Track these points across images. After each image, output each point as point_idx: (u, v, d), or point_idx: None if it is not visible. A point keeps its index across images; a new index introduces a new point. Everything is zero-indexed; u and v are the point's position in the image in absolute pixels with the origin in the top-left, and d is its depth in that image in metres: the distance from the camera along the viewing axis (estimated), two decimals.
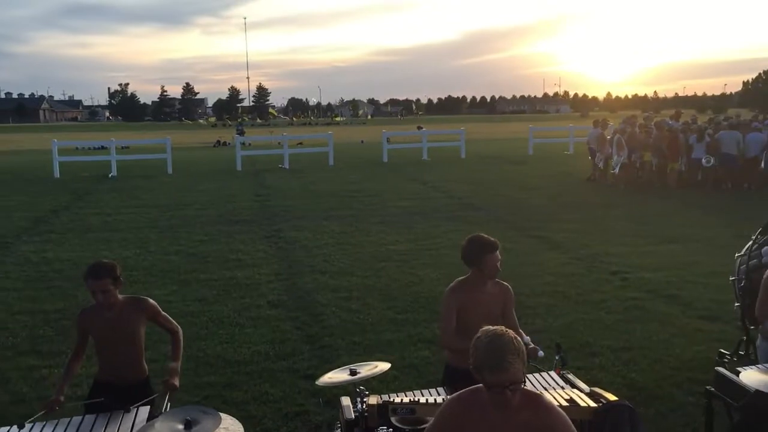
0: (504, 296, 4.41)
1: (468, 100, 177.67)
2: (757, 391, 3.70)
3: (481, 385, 2.72)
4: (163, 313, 4.27)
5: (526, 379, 3.99)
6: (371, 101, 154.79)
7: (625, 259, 10.37)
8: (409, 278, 9.55)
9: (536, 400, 2.76)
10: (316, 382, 4.05)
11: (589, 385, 4.02)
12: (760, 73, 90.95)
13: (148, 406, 3.79)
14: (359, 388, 3.70)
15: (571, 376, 4.11)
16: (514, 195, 17.48)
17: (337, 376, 3.83)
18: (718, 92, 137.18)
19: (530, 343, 4.13)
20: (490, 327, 2.72)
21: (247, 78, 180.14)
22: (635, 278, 9.33)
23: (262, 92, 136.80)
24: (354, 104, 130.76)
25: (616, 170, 18.25)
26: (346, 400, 3.83)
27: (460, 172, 22.84)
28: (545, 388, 3.93)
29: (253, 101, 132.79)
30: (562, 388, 3.93)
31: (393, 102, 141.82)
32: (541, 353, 4.18)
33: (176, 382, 4.00)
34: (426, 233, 12.61)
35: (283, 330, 7.56)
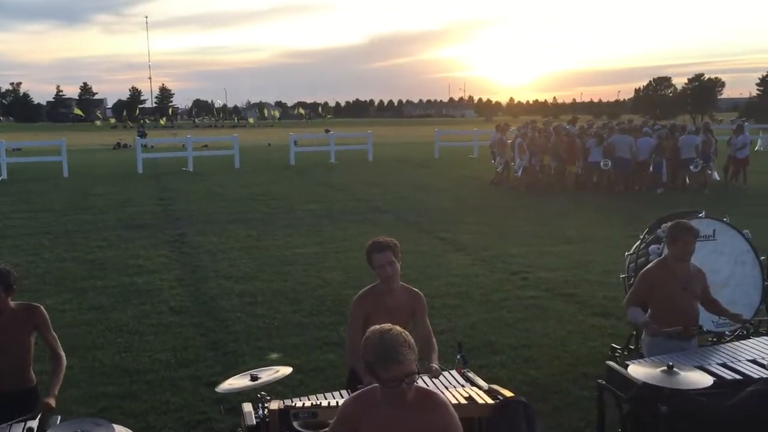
0: (413, 303, 4.36)
1: (376, 103, 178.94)
2: (644, 383, 3.89)
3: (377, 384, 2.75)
4: (53, 332, 4.15)
5: (430, 380, 4.06)
6: (279, 104, 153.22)
7: (526, 259, 10.70)
8: (316, 281, 9.52)
9: (431, 397, 2.80)
10: (216, 389, 3.98)
11: (490, 383, 4.12)
12: (650, 81, 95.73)
13: (36, 419, 3.62)
14: (260, 394, 3.65)
15: (471, 375, 4.20)
16: (421, 198, 17.72)
17: (237, 382, 3.76)
18: (612, 99, 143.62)
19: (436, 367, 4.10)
20: (378, 325, 2.76)
21: (149, 78, 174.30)
22: (535, 278, 9.64)
23: (165, 93, 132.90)
24: (261, 107, 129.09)
25: (519, 173, 18.82)
26: (247, 407, 3.78)
27: (367, 175, 22.96)
28: (446, 387, 3.99)
29: (155, 102, 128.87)
30: (462, 386, 4.01)
31: (301, 105, 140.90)
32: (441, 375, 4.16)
33: (52, 402, 3.92)
34: (333, 236, 12.60)
35: (186, 337, 7.37)
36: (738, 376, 4.22)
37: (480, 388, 3.91)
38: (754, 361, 4.45)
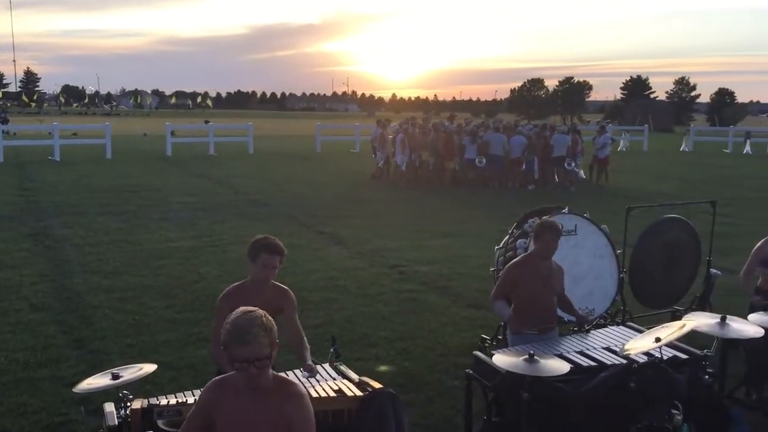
0: (282, 301, 4.29)
1: (258, 95, 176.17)
2: (507, 372, 4.06)
3: None
4: None
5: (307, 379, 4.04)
6: (156, 92, 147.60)
7: (403, 253, 10.89)
8: (191, 276, 9.26)
9: (288, 386, 2.78)
10: (74, 389, 3.78)
11: (364, 376, 4.16)
12: (524, 82, 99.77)
13: None
14: (122, 393, 3.50)
15: (343, 368, 4.22)
16: (301, 191, 17.64)
17: (96, 381, 3.59)
18: (490, 98, 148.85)
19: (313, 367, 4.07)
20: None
21: (14, 61, 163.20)
22: (411, 271, 9.83)
23: (30, 77, 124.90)
24: (137, 95, 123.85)
25: (403, 168, 19.11)
26: (109, 407, 3.61)
27: (247, 168, 22.59)
28: (318, 381, 4.00)
29: (20, 86, 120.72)
30: (334, 379, 4.03)
31: (180, 94, 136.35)
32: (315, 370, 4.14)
33: None
34: (210, 230, 12.30)
35: (47, 335, 6.97)
36: (593, 363, 4.48)
37: (351, 380, 3.94)
38: (608, 349, 4.73)
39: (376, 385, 3.80)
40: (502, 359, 4.13)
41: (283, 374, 4.09)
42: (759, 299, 5.75)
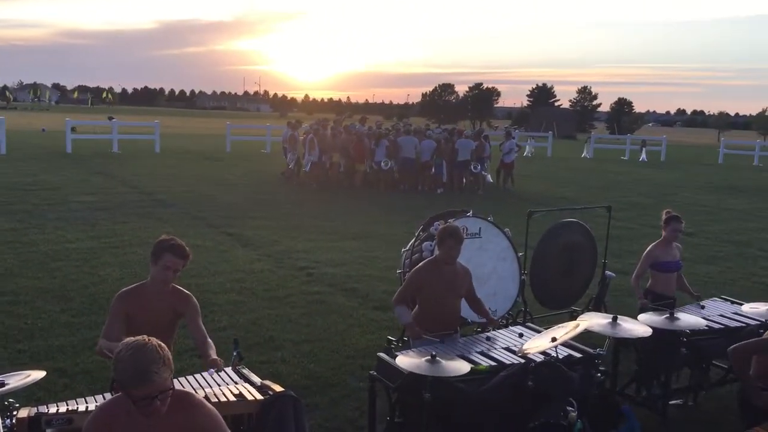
0: (181, 306, 4.16)
1: (166, 92, 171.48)
2: (410, 373, 4.11)
3: None
4: None
5: (210, 376, 3.96)
6: (56, 86, 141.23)
7: (312, 255, 10.85)
8: (89, 278, 8.91)
9: (186, 399, 2.72)
10: None
11: (270, 379, 4.12)
12: (436, 87, 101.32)
13: None
14: (8, 401, 3.33)
15: (245, 371, 4.16)
16: (209, 192, 17.28)
17: None
18: (402, 101, 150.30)
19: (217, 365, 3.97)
20: (132, 339, 2.63)
21: None
22: (320, 273, 9.80)
23: None
24: (35, 88, 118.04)
25: (307, 168, 19.02)
26: None
27: (153, 167, 21.94)
28: (219, 385, 3.92)
29: None
30: (236, 383, 3.97)
31: (82, 89, 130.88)
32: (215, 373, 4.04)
33: None
34: (111, 230, 11.86)
35: None
36: (493, 363, 4.60)
37: (252, 384, 3.89)
38: (508, 349, 4.86)
39: (278, 388, 3.77)
40: (404, 360, 4.17)
41: (183, 380, 4.02)
42: (646, 302, 6.04)
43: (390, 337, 6.83)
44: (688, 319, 5.40)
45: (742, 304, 6.11)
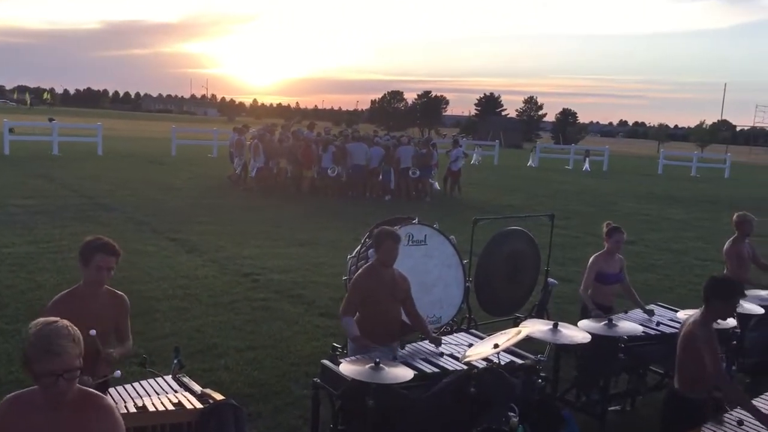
0: (117, 308, 4.10)
1: (110, 94, 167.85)
2: (353, 380, 4.11)
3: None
4: None
5: (141, 387, 3.88)
6: None
7: (258, 261, 10.75)
8: (26, 284, 8.65)
9: (93, 399, 2.64)
10: None
11: (211, 387, 4.06)
12: (385, 94, 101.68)
13: None
14: None
15: (186, 379, 4.09)
16: (154, 196, 16.96)
17: None
18: (351, 108, 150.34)
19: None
20: (41, 318, 2.56)
21: None
22: (266, 279, 9.71)
23: None
24: None
25: (253, 174, 18.84)
26: None
27: (95, 170, 21.43)
28: (158, 393, 3.85)
29: None
30: (175, 392, 3.90)
31: (21, 89, 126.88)
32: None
33: None
34: (49, 235, 11.54)
35: None
36: (437, 370, 4.63)
37: (193, 392, 3.83)
38: (451, 355, 4.91)
39: (218, 396, 3.72)
40: (348, 367, 4.17)
41: (121, 388, 3.93)
42: (599, 312, 6.09)
43: (335, 344, 6.82)
44: (626, 325, 5.54)
45: (677, 311, 6.29)
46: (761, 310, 6.27)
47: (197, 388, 3.89)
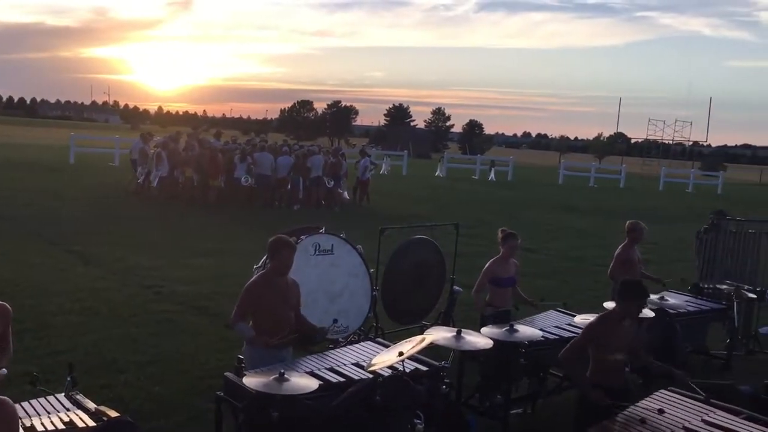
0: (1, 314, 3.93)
1: (4, 99, 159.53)
2: (257, 392, 4.05)
3: None
4: None
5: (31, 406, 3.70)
6: None
7: (161, 272, 10.45)
8: None
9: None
10: None
11: (108, 405, 3.91)
12: (294, 103, 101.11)
13: None
14: None
15: (79, 397, 3.93)
16: (50, 205, 16.23)
17: None
18: (260, 117, 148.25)
19: None
20: None
21: None
22: (169, 291, 9.46)
23: None
24: None
25: (155, 184, 18.29)
26: None
27: None
28: (49, 413, 3.68)
29: None
30: (67, 410, 3.73)
31: None
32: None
33: None
34: None
35: None
36: (342, 379, 4.64)
37: (86, 410, 3.68)
38: (357, 364, 4.92)
39: (113, 414, 3.59)
40: (251, 380, 4.11)
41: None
42: (487, 308, 6.36)
43: (240, 356, 6.69)
44: (526, 330, 5.72)
45: (575, 316, 6.55)
46: (651, 314, 6.59)
47: (91, 405, 3.75)
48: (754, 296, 8.35)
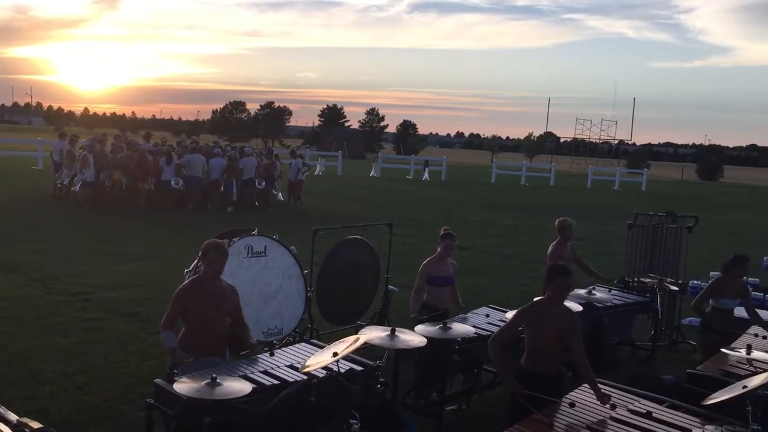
0: None
1: None
2: (188, 398, 3.98)
3: None
4: None
5: None
6: None
7: (89, 279, 10.14)
8: None
9: None
10: None
11: (33, 416, 3.76)
12: (227, 104, 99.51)
13: None
14: None
15: (1, 410, 3.77)
16: None
17: None
18: (192, 118, 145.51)
19: None
20: None
21: None
22: (97, 298, 9.19)
23: None
24: None
25: (77, 188, 17.66)
26: None
27: None
28: None
29: None
30: None
31: None
32: None
33: None
34: None
35: None
36: (276, 381, 4.60)
37: (7, 422, 3.54)
38: (291, 366, 4.89)
39: (36, 425, 3.46)
40: (182, 386, 4.03)
41: None
42: (418, 316, 6.39)
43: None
44: (460, 327, 5.79)
45: (506, 312, 6.67)
46: (580, 308, 6.78)
47: (13, 417, 3.60)
48: (677, 288, 8.68)
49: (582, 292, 7.34)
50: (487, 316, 6.78)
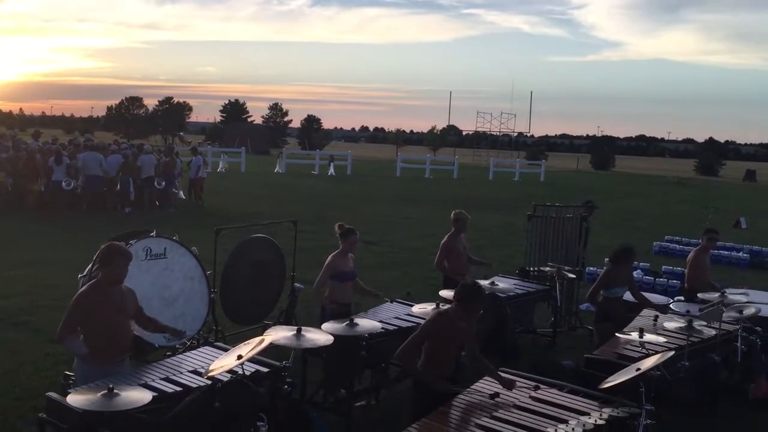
0: None
1: None
2: (84, 411, 3.78)
3: None
4: None
5: None
6: None
7: None
8: None
9: None
10: None
11: None
12: (122, 100, 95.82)
13: None
14: None
15: None
16: None
17: None
18: (86, 114, 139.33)
19: None
20: None
21: None
22: None
23: None
24: None
25: None
26: None
27: None
28: None
29: None
30: None
31: None
32: None
33: None
34: None
35: None
36: (179, 388, 4.45)
37: None
38: (195, 371, 4.74)
39: None
40: (77, 398, 3.83)
41: None
42: (331, 306, 6.41)
43: (67, 372, 6.22)
44: (366, 324, 5.79)
45: (412, 306, 6.73)
46: None
47: None
48: (574, 276, 9.02)
49: (485, 283, 7.50)
50: (394, 310, 6.82)
